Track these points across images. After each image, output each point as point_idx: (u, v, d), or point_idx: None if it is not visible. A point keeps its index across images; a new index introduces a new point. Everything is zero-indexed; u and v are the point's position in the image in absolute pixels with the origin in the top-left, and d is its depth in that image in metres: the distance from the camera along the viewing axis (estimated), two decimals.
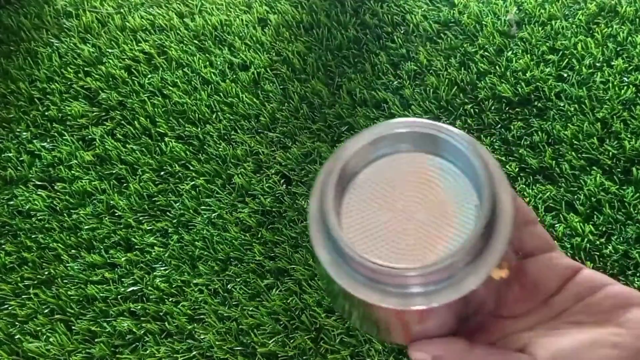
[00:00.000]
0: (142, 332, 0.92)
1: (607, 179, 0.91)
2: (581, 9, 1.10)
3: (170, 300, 0.94)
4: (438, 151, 0.35)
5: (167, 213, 1.02)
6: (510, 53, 1.07)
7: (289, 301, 0.91)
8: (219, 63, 1.17)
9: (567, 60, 1.04)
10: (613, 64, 1.01)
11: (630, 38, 1.04)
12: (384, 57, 1.11)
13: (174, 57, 1.19)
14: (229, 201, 1.01)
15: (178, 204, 1.02)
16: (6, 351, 0.94)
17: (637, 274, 0.84)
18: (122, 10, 1.29)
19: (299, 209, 0.98)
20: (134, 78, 1.18)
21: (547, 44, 1.06)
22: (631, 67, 1.01)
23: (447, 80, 1.05)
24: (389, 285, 0.32)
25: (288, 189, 1.01)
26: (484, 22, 1.12)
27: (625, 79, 1.00)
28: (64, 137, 1.14)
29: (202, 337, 0.90)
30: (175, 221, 1.01)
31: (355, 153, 0.35)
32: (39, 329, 0.95)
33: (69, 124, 1.16)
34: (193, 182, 1.04)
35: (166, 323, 0.92)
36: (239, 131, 1.08)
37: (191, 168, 1.06)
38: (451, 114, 1.02)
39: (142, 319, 0.94)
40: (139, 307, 0.94)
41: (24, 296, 0.99)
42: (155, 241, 1.00)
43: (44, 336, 0.94)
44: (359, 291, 0.32)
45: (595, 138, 0.94)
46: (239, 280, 0.94)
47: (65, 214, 1.05)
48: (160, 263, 0.98)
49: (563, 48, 1.05)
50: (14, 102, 1.21)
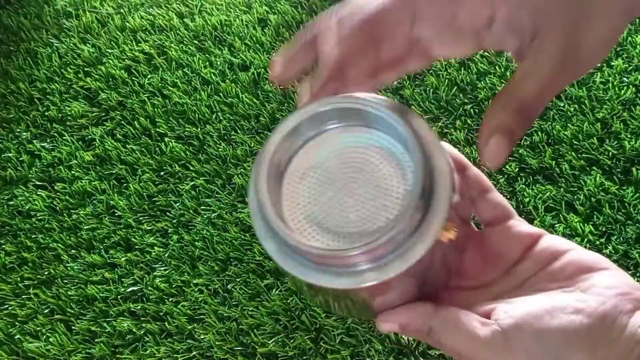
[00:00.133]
0: (142, 332, 0.92)
1: (607, 179, 0.91)
2: None
3: (170, 300, 0.94)
4: (367, 123, 0.35)
5: (167, 213, 1.02)
6: (510, 53, 1.07)
7: (289, 301, 0.91)
8: (219, 63, 1.17)
9: None
10: (613, 64, 1.01)
11: (630, 38, 1.04)
12: None
13: (174, 57, 1.19)
14: (229, 201, 1.01)
15: (178, 204, 1.03)
16: (6, 351, 0.94)
17: (637, 274, 0.84)
18: (122, 11, 1.29)
19: None
20: (134, 78, 1.18)
21: None
22: (631, 67, 1.01)
23: (447, 80, 1.05)
24: (338, 266, 0.31)
25: None
26: None
27: (625, 79, 1.00)
28: (64, 137, 1.14)
29: (202, 337, 0.90)
30: (175, 221, 1.01)
31: (282, 140, 0.34)
32: (39, 329, 0.95)
33: (69, 124, 1.16)
34: (193, 182, 1.04)
35: (166, 323, 0.92)
36: (239, 131, 1.08)
37: (191, 168, 1.06)
38: (451, 114, 1.02)
39: (142, 319, 0.94)
40: (139, 307, 0.94)
41: (24, 296, 0.99)
42: (155, 241, 1.00)
43: (44, 336, 0.94)
44: (311, 276, 0.32)
45: (595, 138, 0.95)
46: (239, 280, 0.94)
47: (65, 214, 1.05)
48: (160, 263, 0.98)
49: None
50: (14, 102, 1.21)
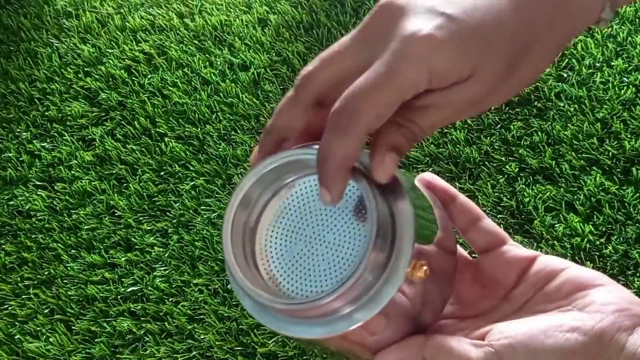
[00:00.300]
0: (142, 332, 0.92)
1: (607, 179, 0.91)
2: None
3: (170, 300, 0.94)
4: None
5: (167, 213, 1.02)
6: None
7: None
8: (219, 63, 1.17)
9: (567, 60, 1.04)
10: (613, 64, 1.01)
11: (630, 38, 1.04)
12: None
13: (174, 57, 1.19)
14: (229, 201, 1.01)
15: (178, 204, 1.03)
16: (6, 351, 0.94)
17: (637, 274, 0.84)
18: (122, 11, 1.29)
19: None
20: (134, 78, 1.18)
21: None
22: (631, 67, 1.01)
23: None
24: (310, 317, 0.32)
25: None
26: None
27: (625, 79, 1.00)
28: (64, 137, 1.14)
29: (202, 337, 0.90)
30: (175, 221, 1.01)
31: (241, 202, 0.36)
32: (39, 329, 0.95)
33: (69, 124, 1.16)
34: (193, 182, 1.04)
35: (166, 323, 0.92)
36: (239, 131, 1.08)
37: (191, 168, 1.06)
38: None
39: (142, 319, 0.94)
40: (139, 307, 0.94)
41: (24, 296, 0.99)
42: (155, 241, 1.00)
43: (44, 336, 0.94)
44: (288, 329, 0.32)
45: (595, 138, 0.95)
46: None
47: (65, 214, 1.05)
48: (160, 263, 0.98)
49: None
50: (14, 102, 1.21)
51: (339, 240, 0.34)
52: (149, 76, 1.18)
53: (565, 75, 1.02)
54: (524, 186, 0.93)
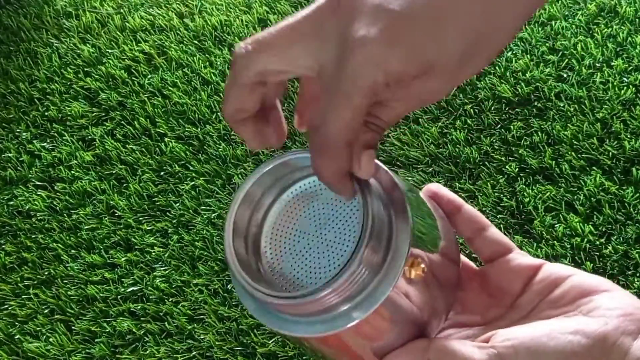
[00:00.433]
0: (142, 332, 0.92)
1: (607, 179, 0.91)
2: (581, 10, 1.10)
3: (170, 300, 0.94)
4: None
5: (167, 213, 1.02)
6: (510, 53, 1.07)
7: None
8: (219, 63, 1.17)
9: (567, 60, 1.04)
10: (613, 64, 1.01)
11: (630, 38, 1.04)
12: None
13: (174, 57, 1.19)
14: (229, 201, 1.01)
15: (178, 204, 1.03)
16: (6, 351, 0.94)
17: (637, 274, 0.84)
18: (122, 11, 1.29)
19: None
20: (134, 78, 1.18)
21: (547, 44, 1.06)
22: (631, 68, 1.01)
23: None
24: (309, 315, 0.32)
25: None
26: None
27: (625, 79, 1.00)
28: (64, 137, 1.14)
29: (202, 337, 0.90)
30: (175, 221, 1.01)
31: (243, 200, 0.36)
32: (39, 329, 0.95)
33: (69, 124, 1.16)
34: (193, 182, 1.04)
35: (166, 323, 0.92)
36: None
37: (191, 168, 1.06)
38: (451, 114, 1.02)
39: (142, 319, 0.94)
40: (139, 307, 0.94)
41: (24, 296, 0.99)
42: (155, 241, 1.00)
43: (44, 336, 0.94)
44: (288, 328, 0.33)
45: (595, 138, 0.95)
46: None
47: (65, 214, 1.05)
48: (160, 263, 0.98)
49: (563, 48, 1.05)
50: (14, 102, 1.21)
51: (339, 239, 0.34)
52: (149, 76, 1.18)
53: (565, 75, 1.02)
54: (524, 186, 0.93)
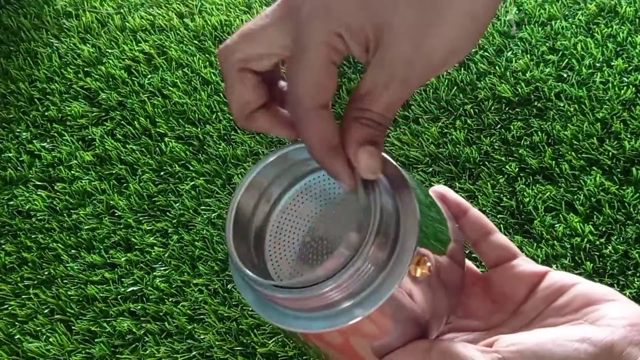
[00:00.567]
0: (142, 332, 0.92)
1: (607, 179, 0.91)
2: (581, 9, 1.10)
3: (170, 300, 0.94)
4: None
5: (167, 213, 1.02)
6: (510, 53, 1.07)
7: None
8: (219, 63, 1.17)
9: (567, 60, 1.04)
10: (613, 64, 1.01)
11: (630, 38, 1.04)
12: None
13: (174, 57, 1.19)
14: (229, 201, 1.01)
15: (178, 204, 1.03)
16: (6, 351, 0.94)
17: (637, 274, 0.84)
18: (122, 11, 1.29)
19: None
20: (134, 78, 1.18)
21: (547, 44, 1.06)
22: (631, 67, 1.01)
23: (447, 80, 1.05)
24: (311, 310, 0.32)
25: None
26: None
27: (625, 79, 1.00)
28: (64, 137, 1.14)
29: (202, 337, 0.90)
30: (175, 221, 1.01)
31: (247, 189, 0.35)
32: (39, 329, 0.95)
33: (69, 124, 1.16)
34: (193, 182, 1.04)
35: (166, 323, 0.92)
36: (239, 131, 1.08)
37: (191, 168, 1.06)
38: (451, 114, 1.02)
39: (142, 319, 0.94)
40: (139, 307, 0.94)
41: (24, 296, 0.99)
42: (155, 241, 1.00)
43: (44, 336, 0.94)
44: (288, 323, 0.32)
45: (595, 138, 0.95)
46: None
47: (65, 214, 1.05)
48: (160, 263, 0.98)
49: (563, 48, 1.05)
50: (14, 102, 1.21)
51: (341, 230, 0.34)
52: (149, 76, 1.18)
53: (565, 75, 1.02)
54: (524, 186, 0.93)
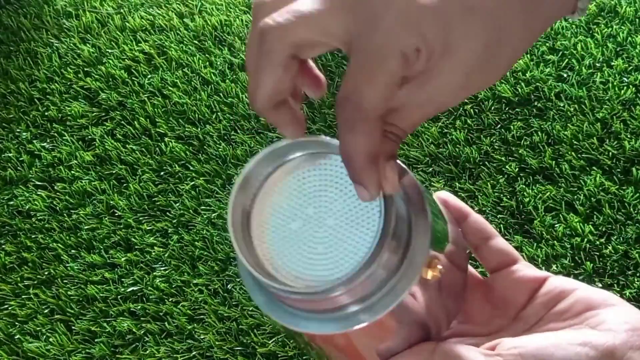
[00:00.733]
0: (142, 332, 0.92)
1: (607, 179, 0.91)
2: None
3: (170, 300, 0.94)
4: (330, 151, 0.34)
5: (167, 213, 1.02)
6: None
7: None
8: (219, 63, 1.17)
9: (567, 60, 1.04)
10: (613, 64, 1.01)
11: (630, 38, 1.04)
12: None
13: (174, 57, 1.19)
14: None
15: (178, 204, 1.03)
16: (6, 351, 0.94)
17: (637, 274, 0.84)
18: (122, 11, 1.29)
19: None
20: (134, 78, 1.18)
21: (547, 44, 1.06)
22: (631, 67, 1.01)
23: None
24: (325, 311, 0.31)
25: None
26: None
27: (625, 79, 1.00)
28: (64, 137, 1.14)
29: (202, 337, 0.90)
30: (175, 221, 1.01)
31: (240, 189, 0.35)
32: (39, 329, 0.95)
33: (69, 124, 1.16)
34: (193, 182, 1.04)
35: (166, 323, 0.92)
36: (239, 131, 1.08)
37: (191, 168, 1.06)
38: (451, 114, 1.02)
39: (142, 319, 0.94)
40: (139, 307, 0.94)
41: (24, 296, 0.99)
42: (155, 241, 1.00)
43: (44, 336, 0.94)
44: (300, 325, 0.32)
45: (595, 138, 0.95)
46: (239, 280, 0.94)
47: (65, 214, 1.05)
48: (160, 263, 0.98)
49: (563, 48, 1.05)
50: (14, 102, 1.21)
51: (355, 236, 0.33)
52: (149, 76, 1.18)
53: (565, 75, 1.02)
54: (524, 186, 0.93)
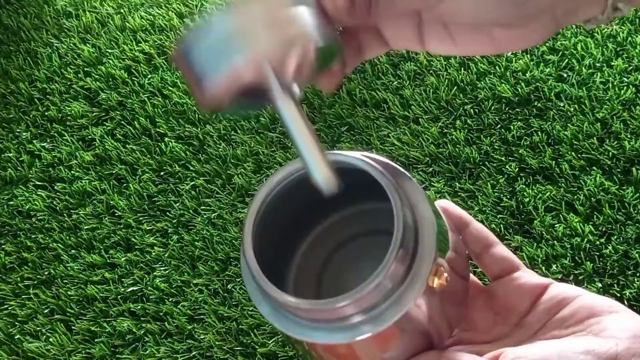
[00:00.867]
0: (142, 332, 0.92)
1: (607, 179, 0.91)
2: None
3: (170, 300, 0.94)
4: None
5: (167, 213, 1.02)
6: (510, 53, 1.07)
7: None
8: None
9: (567, 60, 1.04)
10: (613, 64, 1.01)
11: (630, 38, 1.04)
12: (383, 57, 1.11)
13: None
14: (229, 201, 1.01)
15: (178, 204, 1.03)
16: (6, 351, 0.94)
17: (637, 274, 0.84)
18: (122, 11, 1.29)
19: None
20: (134, 78, 1.18)
21: (547, 44, 1.06)
22: (631, 68, 1.01)
23: (447, 80, 1.05)
24: (331, 321, 0.31)
25: None
26: None
27: (625, 79, 1.00)
28: (64, 137, 1.14)
29: (202, 337, 0.90)
30: (175, 221, 1.01)
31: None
32: (39, 329, 0.95)
33: (69, 124, 1.16)
34: (193, 182, 1.04)
35: (166, 323, 0.92)
36: (239, 131, 1.08)
37: (191, 168, 1.06)
38: (451, 114, 1.02)
39: (142, 319, 0.94)
40: (139, 307, 0.94)
41: (24, 296, 0.99)
42: (155, 241, 1.00)
43: (44, 336, 0.94)
44: (305, 334, 0.32)
45: (595, 138, 0.95)
46: (239, 280, 0.94)
47: (65, 214, 1.05)
48: (160, 263, 0.98)
49: (563, 48, 1.05)
50: (14, 102, 1.21)
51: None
52: (149, 76, 1.18)
53: (565, 75, 1.02)
54: (524, 186, 0.93)
